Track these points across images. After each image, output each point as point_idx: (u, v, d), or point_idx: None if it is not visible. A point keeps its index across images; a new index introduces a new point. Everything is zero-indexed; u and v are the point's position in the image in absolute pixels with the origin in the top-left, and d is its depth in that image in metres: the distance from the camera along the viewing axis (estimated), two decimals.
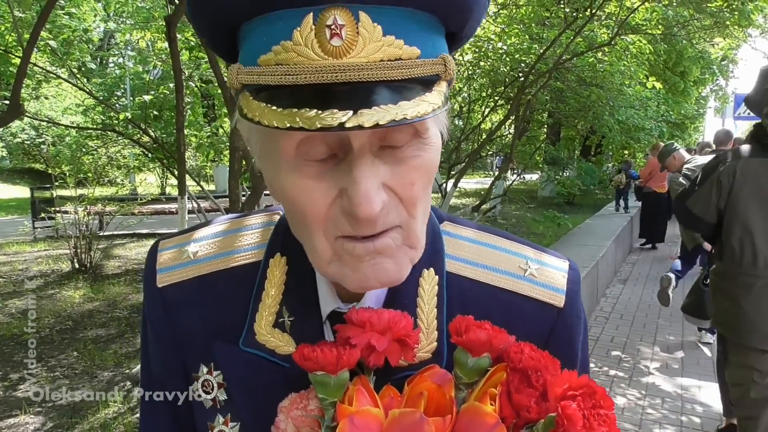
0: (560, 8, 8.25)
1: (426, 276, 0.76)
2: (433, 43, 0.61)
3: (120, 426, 4.01)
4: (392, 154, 0.62)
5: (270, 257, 0.79)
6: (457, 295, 0.77)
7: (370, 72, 0.55)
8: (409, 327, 0.66)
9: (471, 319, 0.65)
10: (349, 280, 0.65)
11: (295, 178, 0.62)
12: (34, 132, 18.37)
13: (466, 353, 0.64)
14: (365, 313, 0.65)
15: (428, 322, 0.74)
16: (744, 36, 9.79)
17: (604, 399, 0.56)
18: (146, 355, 0.87)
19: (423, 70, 0.59)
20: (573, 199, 17.72)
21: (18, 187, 22.40)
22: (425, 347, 0.72)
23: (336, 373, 0.62)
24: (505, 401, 0.59)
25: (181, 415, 0.83)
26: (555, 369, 0.60)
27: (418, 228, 0.66)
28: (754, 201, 2.70)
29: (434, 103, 0.59)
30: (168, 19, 4.76)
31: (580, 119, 13.11)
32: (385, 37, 0.57)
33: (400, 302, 0.73)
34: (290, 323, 0.75)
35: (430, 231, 0.79)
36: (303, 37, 0.56)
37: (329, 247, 0.64)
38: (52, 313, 6.51)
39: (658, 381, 5.24)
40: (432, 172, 0.66)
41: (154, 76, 10.55)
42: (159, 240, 0.87)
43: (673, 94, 19.02)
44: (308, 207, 0.62)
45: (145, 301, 0.85)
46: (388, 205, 0.62)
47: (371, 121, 0.54)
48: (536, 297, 0.78)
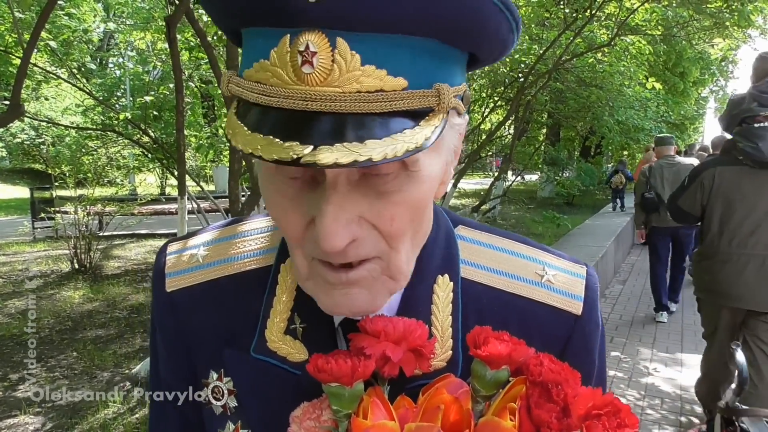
0: (560, 9, 8.25)
1: (440, 282, 0.74)
2: (426, 72, 0.56)
3: (119, 426, 4.00)
4: (374, 185, 0.58)
5: (281, 262, 0.77)
6: (472, 302, 0.74)
7: (342, 104, 0.52)
8: (425, 336, 0.64)
9: (489, 329, 0.63)
10: (321, 303, 0.65)
11: (276, 195, 0.61)
12: (34, 132, 18.36)
13: (484, 366, 0.62)
14: (380, 321, 0.63)
15: (443, 330, 0.72)
16: (744, 37, 9.79)
17: (629, 417, 0.55)
18: (155, 360, 0.86)
19: (409, 103, 0.54)
20: (572, 200, 17.72)
21: (18, 188, 22.39)
22: (440, 356, 0.71)
23: (351, 385, 0.61)
24: (524, 416, 0.57)
25: (190, 419, 0.82)
26: (575, 382, 0.58)
27: (401, 260, 0.63)
28: (727, 199, 3.40)
29: (414, 142, 0.53)
30: (168, 19, 4.76)
31: (580, 120, 13.12)
32: (364, 67, 0.52)
33: (413, 309, 0.71)
34: (302, 330, 0.73)
35: (444, 236, 0.77)
36: (278, 59, 0.53)
37: (306, 264, 0.63)
38: (51, 313, 6.51)
39: (657, 382, 5.24)
40: (420, 207, 0.62)
41: (154, 76, 10.55)
42: (167, 243, 0.86)
43: (673, 94, 19.03)
44: (285, 225, 0.62)
45: (153, 306, 0.83)
46: (363, 238, 0.59)
47: (329, 159, 0.50)
48: (553, 304, 0.76)
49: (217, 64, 4.87)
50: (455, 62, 0.60)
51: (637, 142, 14.29)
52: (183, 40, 7.00)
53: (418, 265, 0.72)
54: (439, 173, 0.63)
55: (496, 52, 0.64)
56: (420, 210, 0.62)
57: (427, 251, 0.73)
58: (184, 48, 7.24)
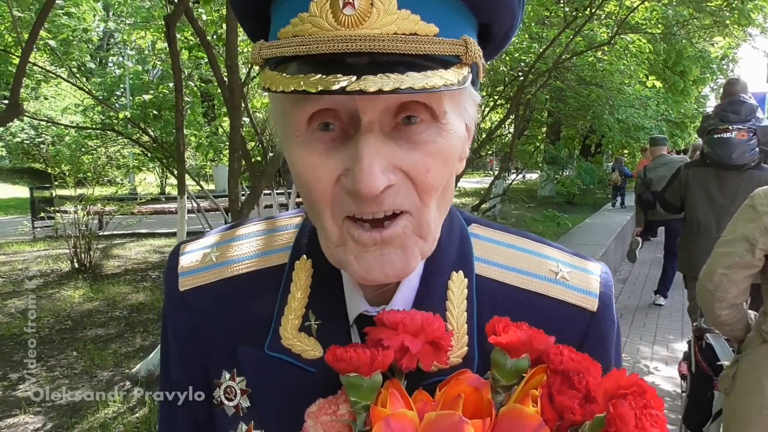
0: (560, 7, 8.25)
1: (455, 279, 0.74)
2: (455, 23, 0.60)
3: (119, 426, 4.00)
4: (407, 137, 0.60)
5: (295, 259, 0.77)
6: (486, 299, 0.75)
7: (381, 43, 0.55)
8: (442, 329, 0.64)
9: (507, 320, 0.63)
10: (351, 269, 0.64)
11: (305, 153, 0.61)
12: (34, 132, 18.36)
13: (504, 354, 0.61)
14: (397, 314, 0.63)
15: (458, 326, 0.72)
16: (744, 35, 9.79)
17: (655, 399, 0.54)
18: (166, 361, 0.86)
19: (440, 48, 0.57)
20: (572, 199, 17.73)
21: (17, 187, 22.39)
22: (456, 352, 0.70)
23: (370, 375, 0.60)
24: (546, 403, 0.57)
25: (201, 420, 0.81)
26: (597, 372, 0.58)
27: (430, 218, 0.64)
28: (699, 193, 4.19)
29: (449, 80, 0.56)
30: (167, 18, 4.75)
31: (580, 118, 13.11)
32: (400, 11, 0.56)
33: (428, 305, 0.70)
34: (317, 327, 0.73)
35: (458, 233, 0.78)
36: (318, 8, 0.56)
37: (337, 230, 0.63)
38: (51, 312, 6.50)
39: (658, 380, 5.24)
40: (450, 162, 0.64)
41: (153, 75, 10.55)
42: (180, 243, 0.86)
43: (673, 93, 19.03)
44: (314, 184, 0.62)
45: (165, 306, 0.83)
46: (397, 187, 0.60)
47: (374, 87, 0.53)
48: (569, 301, 0.76)
49: (216, 63, 4.86)
50: (473, 27, 0.64)
51: (637, 141, 14.29)
52: (182, 39, 6.99)
53: (432, 261, 0.73)
54: (462, 135, 0.65)
55: (507, 23, 0.67)
56: (450, 166, 0.64)
57: (442, 248, 0.73)
58: (183, 47, 7.23)
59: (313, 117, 0.60)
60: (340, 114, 0.59)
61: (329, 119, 0.60)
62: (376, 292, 0.72)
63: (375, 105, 0.57)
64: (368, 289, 0.72)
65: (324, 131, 0.60)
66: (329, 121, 0.60)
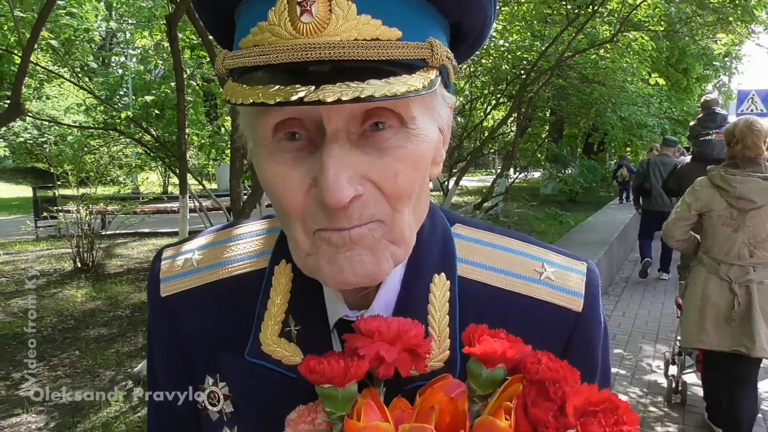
0: (562, 5, 8.22)
1: (437, 281, 0.73)
2: (419, 26, 0.58)
3: (122, 425, 4.01)
4: (375, 144, 0.59)
5: (275, 264, 0.76)
6: (470, 301, 0.73)
7: (342, 50, 0.53)
8: (420, 336, 0.63)
9: (485, 327, 0.62)
10: (324, 273, 0.62)
11: (273, 164, 0.60)
12: (37, 131, 18.40)
13: (479, 364, 0.60)
14: (374, 321, 0.62)
15: (440, 330, 0.71)
16: (747, 32, 9.74)
17: (627, 414, 0.53)
18: (152, 369, 0.86)
19: (404, 52, 0.56)
20: (575, 197, 17.69)
21: (20, 187, 22.44)
22: (437, 356, 0.69)
23: (344, 386, 0.59)
24: (521, 415, 0.56)
25: (188, 424, 0.82)
26: (575, 380, 0.57)
27: (404, 224, 0.63)
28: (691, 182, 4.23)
29: (412, 85, 0.55)
30: (169, 18, 4.75)
31: (583, 116, 13.09)
32: (360, 16, 0.54)
33: (410, 309, 0.70)
34: (297, 332, 0.72)
35: (441, 234, 0.76)
36: (277, 16, 0.55)
37: (308, 240, 0.62)
38: (54, 312, 6.52)
39: (660, 379, 5.22)
40: (421, 166, 0.62)
41: (155, 75, 10.56)
42: (163, 248, 0.86)
43: (676, 91, 18.97)
44: (284, 195, 0.61)
45: (149, 311, 0.83)
46: (366, 198, 0.59)
47: (332, 96, 0.51)
48: (553, 301, 0.74)
49: None
50: (441, 28, 0.63)
51: (640, 139, 14.25)
52: (184, 38, 7.00)
53: (413, 263, 0.71)
54: (434, 139, 0.64)
55: (478, 22, 0.66)
56: (421, 170, 0.63)
57: (423, 249, 0.72)
58: (185, 46, 7.24)
59: (278, 127, 0.59)
60: (306, 123, 0.58)
61: (295, 128, 0.59)
62: (356, 296, 0.71)
63: (339, 113, 0.56)
64: (348, 293, 0.70)
65: (290, 140, 0.59)
66: (295, 130, 0.59)
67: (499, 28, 8.44)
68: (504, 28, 8.43)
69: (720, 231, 3.68)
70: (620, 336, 6.41)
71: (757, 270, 3.60)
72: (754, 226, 3.59)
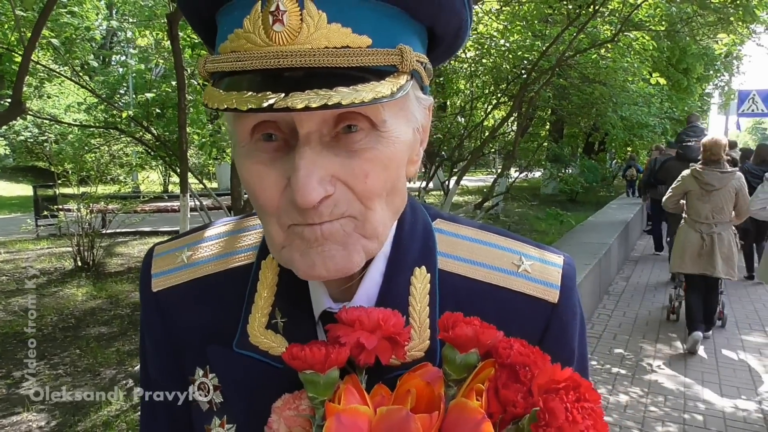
0: (563, 5, 8.21)
1: (417, 274, 0.75)
2: (390, 33, 0.61)
3: (122, 423, 4.01)
4: (346, 146, 0.62)
5: (262, 259, 0.79)
6: (450, 293, 0.76)
7: (312, 58, 0.56)
8: (400, 325, 0.65)
9: (460, 315, 0.64)
10: (297, 266, 0.65)
11: (250, 163, 0.63)
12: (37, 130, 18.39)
13: (453, 350, 0.63)
14: (355, 312, 0.65)
15: (421, 321, 0.73)
16: (748, 32, 9.72)
17: (589, 392, 0.55)
18: (144, 358, 0.88)
19: (373, 59, 0.58)
20: (576, 197, 17.69)
21: (21, 185, 22.45)
22: (418, 346, 0.72)
23: (325, 372, 0.62)
24: (492, 396, 0.59)
25: (179, 417, 0.83)
26: (544, 364, 0.59)
27: (377, 220, 0.65)
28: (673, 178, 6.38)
29: (380, 92, 0.57)
30: (170, 17, 4.76)
31: (583, 116, 13.06)
32: (330, 25, 0.57)
33: (391, 301, 0.72)
34: (283, 324, 0.75)
35: (422, 228, 0.79)
36: (252, 24, 0.58)
37: (282, 233, 0.65)
38: (54, 310, 6.53)
39: (660, 379, 5.23)
40: (392, 166, 0.65)
41: (156, 74, 10.55)
42: (154, 245, 0.88)
43: (677, 90, 18.94)
44: (260, 193, 0.64)
45: (141, 307, 0.85)
46: (336, 197, 0.62)
47: (301, 104, 0.54)
48: (530, 293, 0.77)
49: None
50: (415, 33, 0.65)
51: (640, 139, 14.24)
52: (185, 37, 6.99)
53: (395, 258, 0.75)
54: (407, 140, 0.66)
55: (452, 26, 0.68)
56: (392, 171, 0.65)
57: (404, 244, 0.75)
58: (186, 45, 7.23)
59: (255, 129, 0.62)
60: (281, 126, 0.61)
61: (271, 130, 0.62)
62: (340, 289, 0.74)
63: (311, 118, 0.59)
64: (332, 286, 0.73)
65: (267, 141, 0.62)
66: (271, 132, 0.62)
67: (500, 28, 8.44)
68: (505, 28, 8.43)
69: (695, 203, 5.95)
70: (621, 336, 6.41)
71: (717, 226, 5.87)
72: (715, 200, 5.84)
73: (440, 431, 0.58)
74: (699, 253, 5.84)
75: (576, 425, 0.52)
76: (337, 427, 0.57)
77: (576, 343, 0.80)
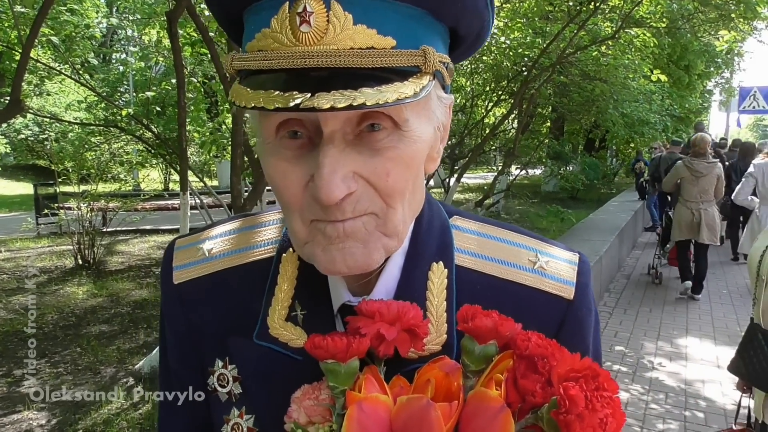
0: (564, 2, 8.20)
1: (435, 269, 0.77)
2: (414, 34, 0.62)
3: (123, 422, 4.01)
4: (369, 144, 0.63)
5: (282, 252, 0.81)
6: (466, 288, 0.77)
7: (337, 59, 0.57)
8: (419, 317, 0.66)
9: (479, 308, 0.65)
10: (318, 261, 0.67)
11: (275, 160, 0.65)
12: (38, 128, 18.39)
13: (473, 341, 0.64)
14: (375, 304, 0.66)
15: (438, 315, 0.74)
16: (749, 28, 9.70)
17: (608, 382, 0.56)
18: (165, 354, 0.89)
19: (397, 60, 0.59)
20: (577, 194, 17.68)
21: (21, 184, 22.46)
22: (435, 340, 0.73)
23: (346, 362, 0.63)
24: (510, 387, 0.59)
25: (198, 416, 0.85)
26: (562, 356, 0.60)
27: (397, 218, 0.67)
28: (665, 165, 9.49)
29: (403, 93, 0.58)
30: (169, 14, 4.74)
31: (584, 113, 13.05)
32: (356, 26, 0.58)
33: (409, 295, 0.73)
34: (303, 317, 0.77)
35: (439, 225, 0.80)
36: (279, 24, 0.59)
37: (305, 229, 0.67)
38: (55, 309, 6.53)
39: (661, 376, 5.23)
40: (413, 165, 0.66)
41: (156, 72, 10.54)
42: (175, 238, 0.90)
43: (678, 87, 18.88)
44: (284, 189, 0.66)
45: (162, 299, 0.87)
46: (359, 194, 0.63)
47: (326, 104, 0.55)
48: (546, 289, 0.78)
49: (218, 58, 4.84)
50: (438, 33, 0.66)
51: (641, 136, 14.21)
52: (185, 35, 6.98)
53: (413, 253, 0.76)
54: (428, 139, 0.68)
55: (474, 27, 0.70)
56: (413, 169, 0.66)
57: (422, 239, 0.77)
58: (186, 43, 7.21)
59: (280, 126, 0.63)
60: (306, 124, 0.63)
61: (296, 128, 0.63)
62: (358, 283, 0.75)
63: (336, 117, 0.60)
64: (351, 280, 0.75)
65: (292, 139, 0.64)
66: (296, 129, 0.63)
67: (501, 25, 8.41)
68: (506, 25, 8.40)
69: (687, 186, 7.57)
70: (622, 333, 6.41)
71: (703, 204, 7.46)
72: (702, 184, 7.46)
73: (459, 420, 0.59)
74: (689, 224, 7.52)
75: (595, 413, 0.53)
76: (359, 415, 0.58)
77: (590, 339, 0.81)
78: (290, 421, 0.68)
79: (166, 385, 0.88)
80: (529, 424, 0.58)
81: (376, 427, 0.59)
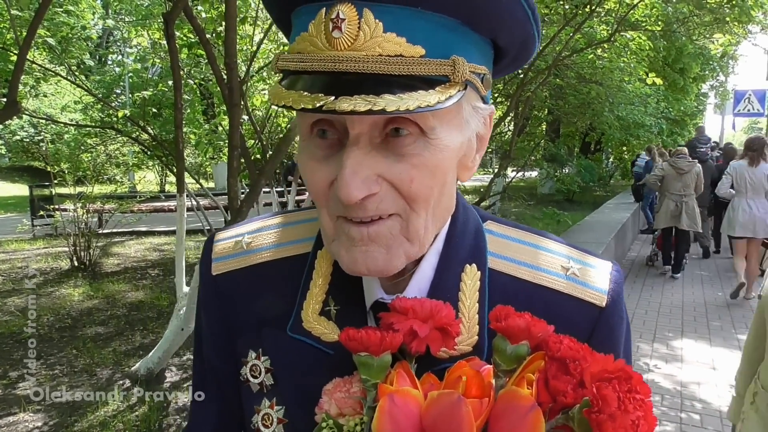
0: (559, 5, 8.22)
1: (468, 271, 0.78)
2: (444, 44, 0.63)
3: (119, 424, 4.00)
4: (394, 149, 0.65)
5: (318, 249, 0.83)
6: (499, 291, 0.78)
7: (365, 64, 0.59)
8: (451, 316, 0.68)
9: (511, 309, 0.66)
10: (341, 260, 0.70)
11: (306, 158, 0.69)
12: (33, 129, 18.33)
13: (504, 340, 0.64)
14: (409, 301, 0.68)
15: (470, 316, 0.76)
16: (744, 32, 9.76)
17: (641, 385, 0.56)
18: (199, 353, 0.92)
19: (424, 68, 0.61)
20: (572, 196, 17.72)
21: (17, 185, 22.39)
22: (466, 340, 0.74)
23: (379, 355, 0.65)
24: (542, 387, 0.60)
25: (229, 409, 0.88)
26: (594, 359, 0.60)
27: (420, 224, 0.68)
28: None
29: (425, 101, 0.59)
30: (166, 16, 4.73)
31: (580, 116, 13.09)
32: (386, 34, 0.60)
33: (442, 295, 0.74)
34: (336, 312, 0.78)
35: (473, 228, 0.82)
36: (315, 29, 0.62)
37: (332, 226, 0.70)
38: (51, 311, 6.50)
39: (657, 378, 5.24)
40: (438, 173, 0.67)
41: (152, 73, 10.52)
42: (216, 231, 0.93)
43: (673, 90, 18.97)
44: (312, 186, 0.69)
45: (200, 290, 0.89)
46: (382, 195, 0.65)
47: (347, 107, 0.57)
48: (578, 296, 0.78)
49: (215, 61, 4.84)
50: (473, 44, 0.67)
51: (637, 138, 14.27)
52: (181, 36, 6.97)
53: (446, 254, 0.78)
54: (457, 148, 0.69)
55: (516, 39, 0.70)
56: (438, 177, 0.67)
57: (456, 241, 0.78)
58: (182, 45, 7.20)
59: (314, 125, 0.67)
60: (336, 125, 0.65)
61: (326, 128, 0.66)
62: (391, 282, 0.77)
63: (362, 120, 0.63)
64: (384, 278, 0.76)
65: (322, 138, 0.67)
66: (326, 128, 0.66)
67: None
68: None
69: (671, 182, 8.80)
70: None
71: (685, 197, 8.67)
72: (684, 180, 8.71)
73: (490, 418, 0.60)
74: (672, 213, 8.77)
75: (628, 414, 0.53)
76: (390, 407, 0.59)
77: (622, 348, 0.81)
78: (321, 412, 0.69)
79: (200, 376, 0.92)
80: (559, 424, 0.59)
81: (407, 420, 0.60)
